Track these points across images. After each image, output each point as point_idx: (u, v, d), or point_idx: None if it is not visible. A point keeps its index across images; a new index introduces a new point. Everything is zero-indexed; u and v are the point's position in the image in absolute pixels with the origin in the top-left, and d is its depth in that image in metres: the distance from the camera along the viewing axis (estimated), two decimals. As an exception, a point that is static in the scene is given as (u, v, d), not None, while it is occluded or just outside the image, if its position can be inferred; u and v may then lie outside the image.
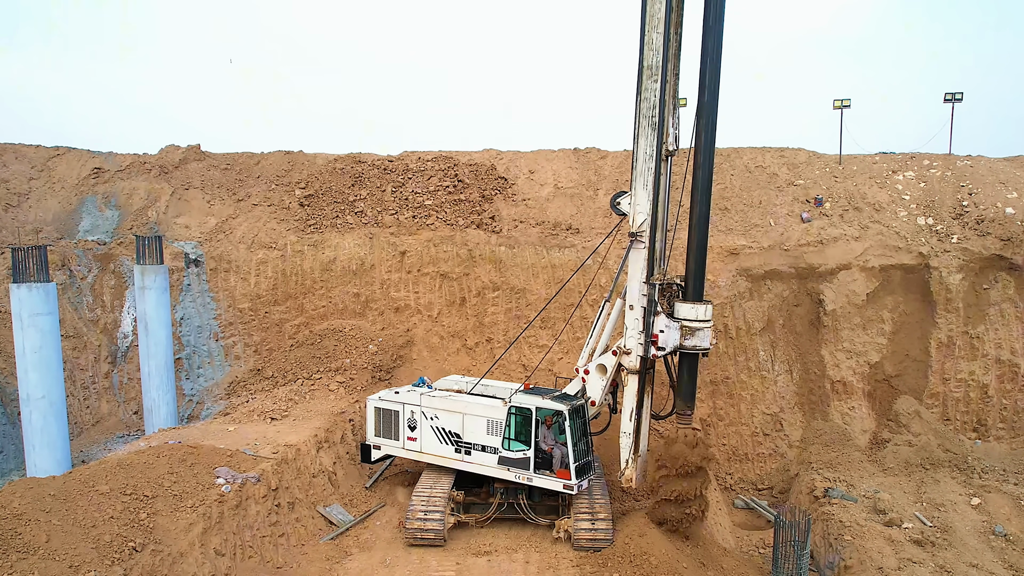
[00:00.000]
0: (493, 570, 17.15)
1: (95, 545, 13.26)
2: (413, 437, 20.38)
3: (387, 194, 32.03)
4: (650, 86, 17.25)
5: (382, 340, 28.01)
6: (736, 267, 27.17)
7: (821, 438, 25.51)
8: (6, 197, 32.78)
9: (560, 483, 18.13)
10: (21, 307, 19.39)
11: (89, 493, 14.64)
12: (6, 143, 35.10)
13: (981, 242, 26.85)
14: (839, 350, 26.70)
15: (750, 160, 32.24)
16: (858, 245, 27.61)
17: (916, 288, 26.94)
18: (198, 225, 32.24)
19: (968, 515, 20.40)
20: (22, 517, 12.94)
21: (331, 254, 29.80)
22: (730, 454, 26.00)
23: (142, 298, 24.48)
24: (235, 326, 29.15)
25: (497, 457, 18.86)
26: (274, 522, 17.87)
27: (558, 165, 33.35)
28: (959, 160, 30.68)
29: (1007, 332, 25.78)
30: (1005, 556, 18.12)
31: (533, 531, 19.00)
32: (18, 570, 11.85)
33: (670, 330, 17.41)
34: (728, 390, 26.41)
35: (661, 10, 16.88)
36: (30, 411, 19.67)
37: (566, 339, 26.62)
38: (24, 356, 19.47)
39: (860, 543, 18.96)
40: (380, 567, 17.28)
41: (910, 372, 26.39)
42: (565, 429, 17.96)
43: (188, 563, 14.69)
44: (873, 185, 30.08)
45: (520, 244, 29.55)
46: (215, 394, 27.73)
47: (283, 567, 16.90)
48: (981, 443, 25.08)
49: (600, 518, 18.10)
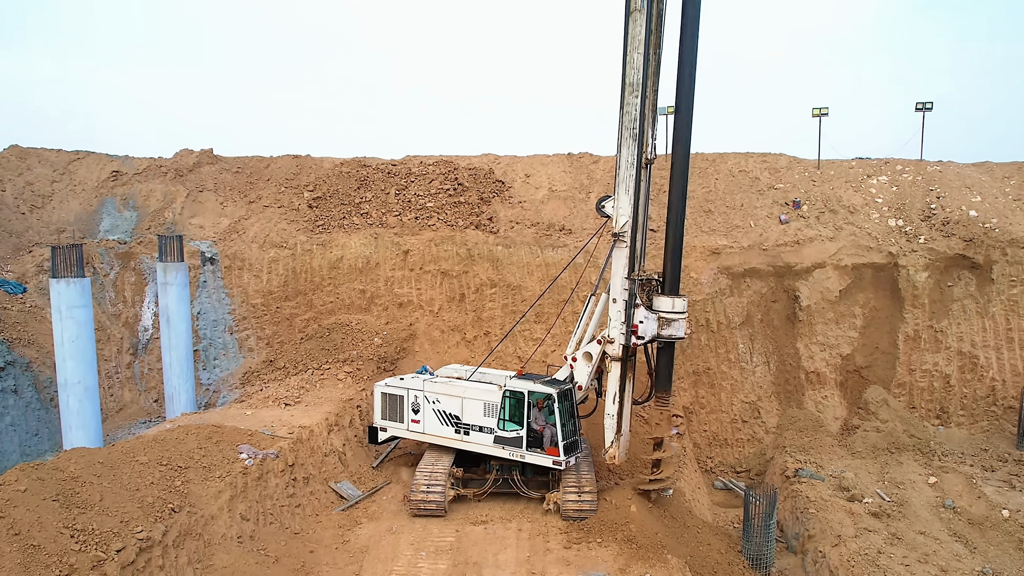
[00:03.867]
0: (489, 537, 19.02)
1: (140, 505, 15.14)
2: (417, 420, 22.22)
3: (391, 196, 33.94)
4: (632, 101, 19.11)
5: (386, 333, 29.88)
6: (717, 265, 29.07)
7: (795, 424, 27.40)
8: (31, 199, 34.66)
9: (550, 459, 20.00)
10: (60, 300, 21.27)
11: (131, 462, 16.52)
12: (29, 147, 37.00)
13: (946, 242, 28.77)
14: (813, 343, 28.61)
15: (734, 165, 34.16)
16: (832, 245, 29.52)
17: (885, 285, 28.85)
18: (212, 225, 34.14)
19: (924, 492, 22.28)
20: (79, 479, 14.82)
21: (338, 253, 31.69)
22: (711, 439, 27.88)
23: (164, 293, 26.35)
24: (248, 320, 31.03)
25: (493, 437, 20.73)
26: (291, 494, 19.74)
27: (552, 169, 35.26)
28: (929, 165, 32.61)
29: (968, 326, 27.69)
30: (951, 526, 19.99)
31: (526, 504, 20.86)
32: (79, 522, 13.72)
33: (649, 321, 19.30)
34: (709, 380, 28.30)
35: (642, 33, 18.75)
36: (68, 395, 21.55)
37: (558, 332, 28.49)
38: (63, 345, 21.35)
39: (823, 515, 20.83)
40: (387, 534, 19.14)
41: (879, 363, 28.29)
42: (554, 411, 19.83)
43: (218, 524, 16.58)
44: (849, 189, 32.01)
45: (516, 244, 31.44)
46: (230, 383, 29.60)
47: (300, 533, 18.76)
48: (943, 429, 26.97)
49: (586, 491, 19.96)
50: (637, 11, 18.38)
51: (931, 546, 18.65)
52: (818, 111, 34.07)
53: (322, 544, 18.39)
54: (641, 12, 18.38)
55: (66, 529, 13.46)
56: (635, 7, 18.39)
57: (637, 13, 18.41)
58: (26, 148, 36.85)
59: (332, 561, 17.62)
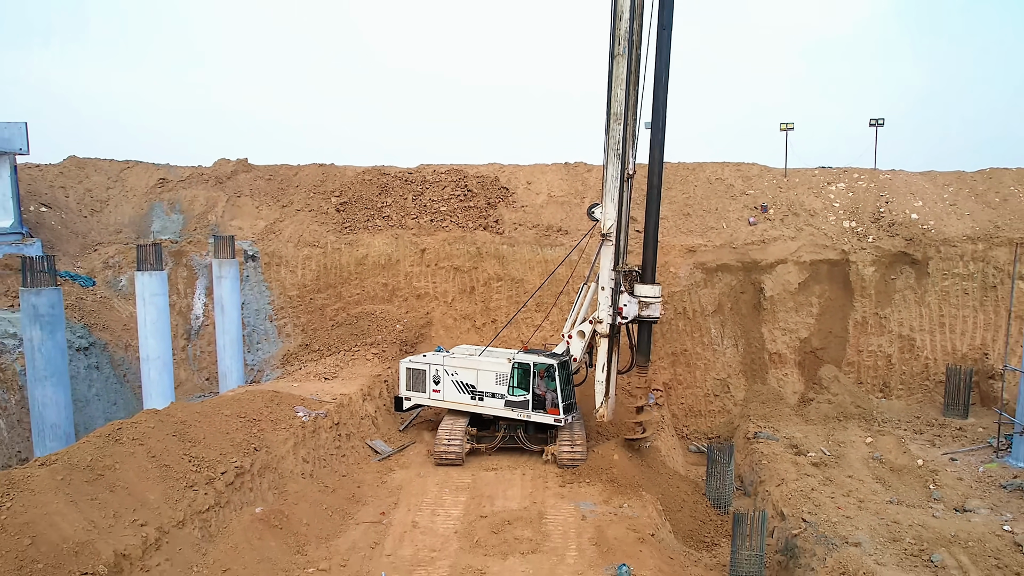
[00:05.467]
0: (499, 480, 23.51)
1: (231, 444, 19.63)
2: (437, 390, 26.65)
3: (408, 202, 38.46)
4: (616, 127, 23.59)
5: (406, 321, 34.36)
6: (693, 262, 33.57)
7: (759, 398, 31.84)
8: (91, 204, 39.17)
9: (551, 418, 24.49)
10: (144, 289, 25.69)
11: (218, 414, 20.99)
12: (85, 158, 41.51)
13: (891, 241, 33.27)
14: (776, 328, 33.10)
15: (711, 173, 38.67)
16: (793, 244, 34.02)
17: (838, 278, 33.35)
18: (250, 227, 38.64)
19: (860, 448, 26.71)
20: (186, 423, 19.31)
21: (364, 251, 36.19)
22: (687, 411, 32.37)
23: (219, 285, 30.82)
24: (286, 310, 35.53)
25: (504, 401, 25.18)
26: (338, 446, 24.22)
27: (551, 177, 39.78)
28: (882, 174, 37.12)
29: (907, 313, 32.19)
30: (876, 472, 24.43)
31: (528, 456, 25.33)
32: (193, 452, 18.22)
33: (631, 304, 23.87)
34: (686, 360, 32.80)
35: (624, 73, 23.21)
36: (148, 368, 25.99)
37: (555, 319, 32.96)
38: (145, 326, 25.77)
39: (773, 466, 25.28)
40: (416, 477, 23.62)
41: (832, 345, 32.79)
42: (555, 378, 24.34)
43: (287, 463, 21.07)
44: (811, 194, 36.52)
45: (519, 243, 35.93)
46: (272, 364, 34.10)
47: (347, 475, 23.22)
48: (885, 400, 31.46)
49: (577, 444, 24.44)
50: (620, 56, 22.86)
51: (855, 485, 23.10)
52: (785, 125, 38.52)
53: (366, 483, 22.88)
54: (623, 56, 22.86)
55: (185, 456, 17.98)
56: (618, 52, 22.87)
57: (620, 57, 22.89)
58: (83, 158, 41.37)
59: (375, 495, 22.12)
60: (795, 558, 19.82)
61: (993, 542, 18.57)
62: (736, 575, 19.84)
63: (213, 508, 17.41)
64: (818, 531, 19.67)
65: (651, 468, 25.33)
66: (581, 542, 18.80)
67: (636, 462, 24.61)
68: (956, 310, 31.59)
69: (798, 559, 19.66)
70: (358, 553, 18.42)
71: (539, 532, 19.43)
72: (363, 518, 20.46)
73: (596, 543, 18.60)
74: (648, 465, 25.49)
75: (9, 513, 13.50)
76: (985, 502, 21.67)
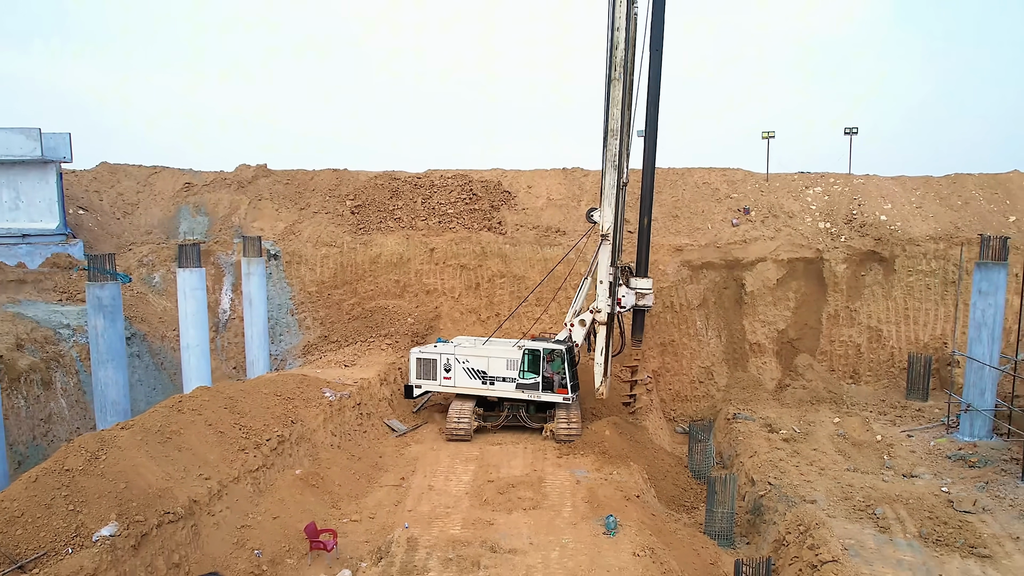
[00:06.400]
0: (503, 452, 26.53)
1: (272, 417, 22.64)
2: (448, 377, 29.47)
3: (418, 205, 41.48)
4: (612, 143, 26.56)
5: (417, 315, 37.38)
6: (680, 260, 36.58)
7: (740, 384, 34.85)
8: (123, 207, 42.20)
9: (560, 397, 27.52)
10: (185, 284, 28.63)
11: (258, 393, 24.00)
12: (116, 164, 44.54)
13: (861, 241, 36.27)
14: (756, 320, 36.12)
15: (699, 178, 41.70)
16: (772, 243, 37.02)
17: (813, 275, 36.35)
18: (270, 228, 41.65)
19: (827, 427, 29.70)
20: (233, 398, 22.33)
21: (377, 250, 39.20)
22: (674, 396, 35.36)
23: (247, 282, 33.80)
24: (306, 305, 38.54)
25: (515, 384, 28.12)
26: (360, 423, 27.22)
27: (550, 182, 42.80)
28: (856, 178, 40.14)
29: (876, 306, 35.21)
30: (839, 446, 27.41)
31: (530, 434, 28.33)
32: (241, 422, 21.23)
33: (629, 295, 27.05)
34: (673, 350, 35.79)
35: (619, 95, 26.20)
36: (188, 355, 28.93)
37: (554, 313, 35.96)
38: (186, 317, 28.72)
39: (748, 441, 28.26)
40: (430, 451, 26.64)
41: (807, 336, 35.80)
42: (563, 361, 27.39)
43: (319, 435, 24.07)
44: (790, 197, 39.53)
45: (521, 243, 38.92)
46: (294, 354, 37.12)
47: (369, 448, 26.26)
48: (854, 386, 34.45)
49: (573, 422, 27.46)
50: (616, 80, 25.88)
51: (819, 456, 26.11)
52: (766, 134, 41.52)
53: (386, 455, 25.91)
54: (618, 80, 25.87)
55: (236, 424, 21.02)
56: (614, 77, 25.87)
57: (616, 81, 25.90)
58: (114, 164, 44.40)
59: (395, 464, 25.15)
60: (761, 515, 22.85)
61: (930, 500, 21.57)
62: (710, 531, 22.91)
63: (261, 468, 20.45)
64: (781, 492, 22.69)
65: (639, 444, 28.37)
66: (575, 500, 21.81)
67: (626, 438, 27.63)
68: (919, 303, 34.59)
69: (763, 516, 22.68)
70: (383, 509, 21.47)
71: (539, 493, 22.45)
72: (386, 482, 23.54)
73: (588, 501, 21.59)
74: (637, 441, 28.53)
75: (106, 463, 16.51)
76: (930, 470, 24.66)
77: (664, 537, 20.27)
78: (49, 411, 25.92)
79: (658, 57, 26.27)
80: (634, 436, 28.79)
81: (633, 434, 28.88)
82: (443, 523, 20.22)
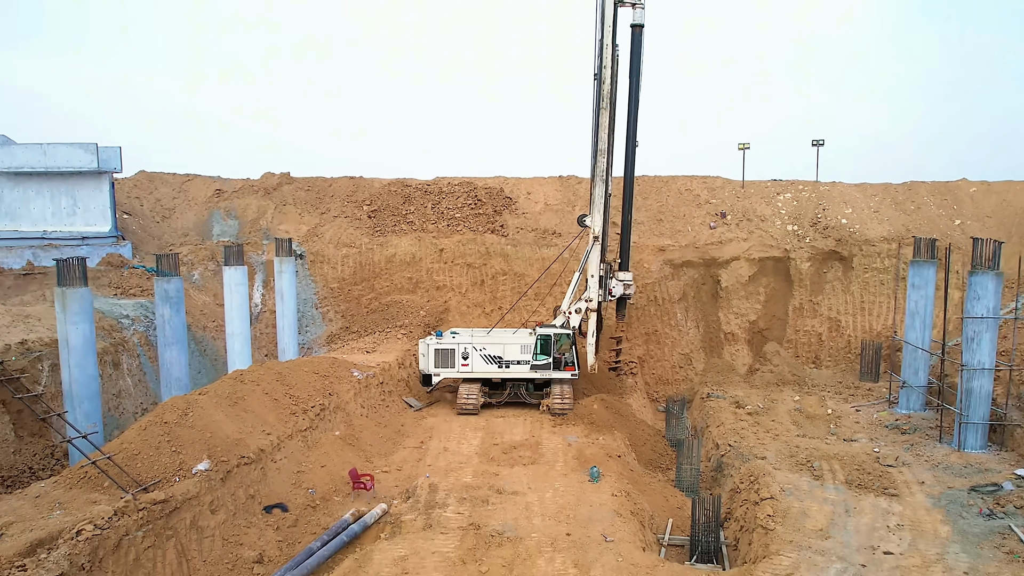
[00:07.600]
0: (506, 423, 30.99)
1: (313, 389, 27.11)
2: (466, 364, 33.64)
3: (428, 209, 45.96)
4: (601, 160, 31.10)
5: (428, 308, 41.81)
6: (663, 259, 41.04)
7: (715, 369, 39.31)
8: (161, 211, 46.68)
9: (568, 374, 32.11)
10: (230, 280, 33.05)
11: (299, 371, 28.44)
12: (153, 172, 49.03)
13: (824, 241, 40.73)
14: (730, 313, 40.56)
15: (682, 185, 46.17)
16: (745, 244, 41.48)
17: (781, 272, 40.80)
18: (295, 231, 46.12)
19: (787, 404, 34.14)
20: (281, 373, 26.80)
21: (392, 251, 43.66)
22: (657, 379, 39.82)
23: (279, 278, 38.22)
24: (328, 299, 43.00)
25: (529, 366, 32.54)
26: (382, 399, 31.68)
27: (547, 188, 47.28)
28: (822, 185, 44.60)
29: (836, 300, 39.68)
30: (794, 419, 31.81)
31: (529, 410, 32.77)
32: (290, 392, 25.71)
33: (617, 285, 31.81)
34: (656, 339, 40.25)
35: (607, 120, 30.71)
36: (233, 342, 33.38)
37: (550, 306, 40.38)
38: (231, 309, 33.16)
39: (717, 415, 32.68)
40: (443, 422, 31.12)
41: (775, 326, 40.27)
42: (571, 344, 31.99)
43: (351, 407, 28.54)
44: (762, 203, 44.00)
45: (521, 244, 43.38)
46: (319, 343, 41.59)
47: (392, 419, 30.72)
48: (816, 370, 38.92)
49: (566, 398, 31.90)
50: (604, 109, 30.43)
51: (775, 426, 30.54)
52: (742, 145, 45.95)
53: (407, 424, 30.39)
54: (606, 110, 30.43)
55: (286, 394, 25.49)
56: (602, 107, 30.42)
57: (604, 111, 30.45)
58: (151, 172, 48.89)
59: (415, 431, 29.63)
60: (721, 471, 27.32)
61: (862, 458, 25.99)
62: (680, 484, 27.42)
63: (308, 429, 24.92)
64: (739, 451, 27.15)
65: (624, 416, 32.85)
66: (566, 458, 26.27)
67: (612, 412, 32.10)
68: (873, 297, 39.04)
69: (723, 471, 27.15)
70: (408, 463, 25.95)
71: (536, 453, 26.93)
72: (408, 444, 28.04)
73: (577, 458, 26.06)
74: (621, 415, 33.00)
75: (193, 418, 20.97)
76: (868, 436, 29.10)
77: (639, 486, 24.77)
78: (119, 388, 30.38)
79: (636, 81, 30.82)
80: (619, 410, 33.26)
81: (619, 408, 33.36)
82: (457, 474, 24.66)
